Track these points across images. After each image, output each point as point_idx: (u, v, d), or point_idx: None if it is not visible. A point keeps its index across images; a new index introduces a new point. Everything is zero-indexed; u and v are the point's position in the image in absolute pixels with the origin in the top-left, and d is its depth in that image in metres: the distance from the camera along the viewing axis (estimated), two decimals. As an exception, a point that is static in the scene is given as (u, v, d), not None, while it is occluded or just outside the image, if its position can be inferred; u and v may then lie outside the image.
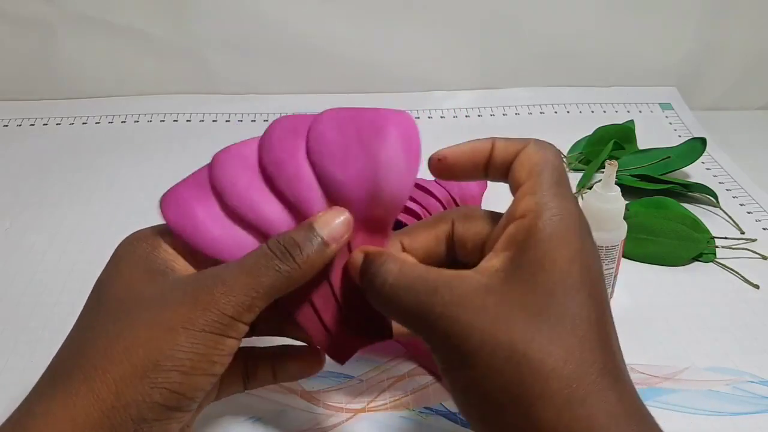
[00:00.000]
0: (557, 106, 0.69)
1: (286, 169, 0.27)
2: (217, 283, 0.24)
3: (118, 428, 0.22)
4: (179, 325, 0.23)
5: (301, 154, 0.27)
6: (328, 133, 0.27)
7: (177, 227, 0.27)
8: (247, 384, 0.31)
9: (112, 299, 0.25)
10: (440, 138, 0.69)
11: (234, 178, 0.27)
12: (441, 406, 0.36)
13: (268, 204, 0.27)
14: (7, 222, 0.50)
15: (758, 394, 0.36)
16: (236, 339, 0.24)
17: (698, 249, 0.46)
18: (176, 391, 0.23)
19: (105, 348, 0.23)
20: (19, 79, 0.68)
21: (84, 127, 0.65)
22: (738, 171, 0.58)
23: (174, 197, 0.28)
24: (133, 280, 0.25)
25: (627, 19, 0.66)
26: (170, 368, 0.23)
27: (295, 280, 0.25)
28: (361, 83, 0.69)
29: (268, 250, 0.25)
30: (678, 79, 0.71)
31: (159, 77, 0.68)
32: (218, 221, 0.27)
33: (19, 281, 0.44)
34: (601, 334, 0.22)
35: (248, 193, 0.27)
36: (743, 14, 0.66)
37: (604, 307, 0.23)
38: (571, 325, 0.22)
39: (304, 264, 0.25)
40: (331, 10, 0.64)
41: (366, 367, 0.38)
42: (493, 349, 0.21)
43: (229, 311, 0.24)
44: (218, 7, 0.64)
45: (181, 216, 0.27)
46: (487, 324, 0.22)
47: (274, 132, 0.28)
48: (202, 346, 0.23)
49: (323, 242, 0.26)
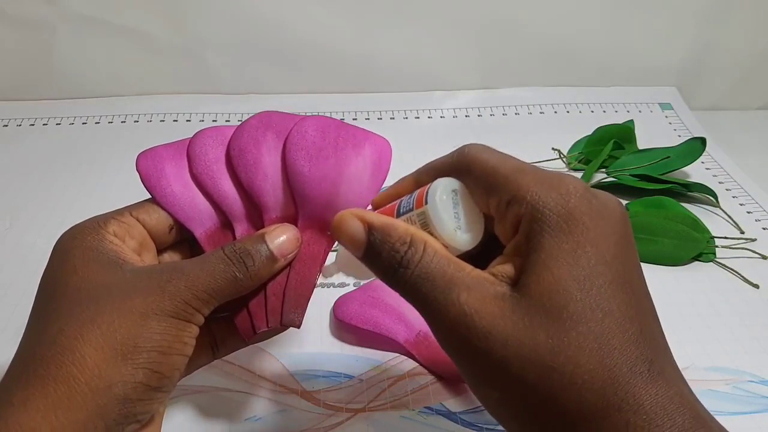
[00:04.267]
0: (557, 106, 0.69)
1: (247, 156, 0.29)
2: (182, 277, 0.25)
3: (104, 408, 0.23)
4: (151, 312, 0.24)
5: (266, 146, 0.30)
6: (311, 131, 0.30)
7: (143, 175, 0.29)
8: (217, 353, 0.31)
9: (71, 290, 0.25)
10: (440, 138, 0.70)
11: (206, 149, 0.30)
12: (441, 406, 0.36)
13: (227, 181, 0.30)
14: (7, 222, 0.50)
15: (758, 394, 0.37)
16: (197, 326, 0.26)
17: (698, 249, 0.46)
18: (157, 370, 0.24)
19: (78, 334, 0.23)
20: (19, 79, 0.68)
21: (84, 127, 0.65)
22: (738, 171, 0.58)
23: (151, 152, 0.30)
24: (87, 271, 0.25)
25: (627, 19, 0.66)
26: (150, 349, 0.24)
27: (245, 287, 0.27)
28: (361, 83, 0.69)
29: (224, 256, 0.26)
30: (678, 79, 0.71)
31: (159, 77, 0.68)
32: (181, 180, 0.30)
33: (20, 281, 0.44)
34: (629, 328, 0.20)
35: (213, 166, 0.30)
36: (743, 14, 0.66)
37: (633, 296, 0.21)
38: (596, 327, 0.20)
39: (254, 276, 0.27)
40: (331, 10, 0.64)
41: (366, 367, 0.38)
42: (522, 365, 0.20)
43: (193, 303, 0.25)
44: (218, 7, 0.64)
45: (151, 167, 0.30)
46: (508, 335, 0.20)
47: (249, 122, 0.30)
48: (174, 329, 0.25)
49: (272, 257, 0.27)
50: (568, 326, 0.20)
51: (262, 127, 0.30)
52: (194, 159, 0.30)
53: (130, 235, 0.28)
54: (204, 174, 0.30)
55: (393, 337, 0.38)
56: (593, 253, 0.21)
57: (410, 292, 0.23)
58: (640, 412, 0.19)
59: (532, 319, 0.20)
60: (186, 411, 0.35)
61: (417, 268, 0.22)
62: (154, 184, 0.29)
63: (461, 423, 0.35)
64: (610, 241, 0.21)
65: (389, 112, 0.67)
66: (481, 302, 0.21)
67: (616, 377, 0.20)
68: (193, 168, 0.30)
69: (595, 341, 0.20)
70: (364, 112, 0.67)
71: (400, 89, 0.70)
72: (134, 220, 0.28)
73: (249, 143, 0.30)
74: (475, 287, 0.22)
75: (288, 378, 0.37)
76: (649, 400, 0.19)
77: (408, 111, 0.67)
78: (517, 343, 0.20)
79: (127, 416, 0.24)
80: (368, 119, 0.66)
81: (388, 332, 0.39)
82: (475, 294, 0.21)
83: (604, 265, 0.21)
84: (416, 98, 0.69)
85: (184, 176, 0.30)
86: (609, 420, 0.19)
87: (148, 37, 0.65)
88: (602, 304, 0.20)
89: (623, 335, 0.20)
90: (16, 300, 0.43)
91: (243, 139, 0.30)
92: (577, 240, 0.21)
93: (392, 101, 0.68)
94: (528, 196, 0.22)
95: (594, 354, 0.20)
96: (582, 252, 0.21)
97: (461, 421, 0.35)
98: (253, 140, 0.30)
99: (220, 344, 0.31)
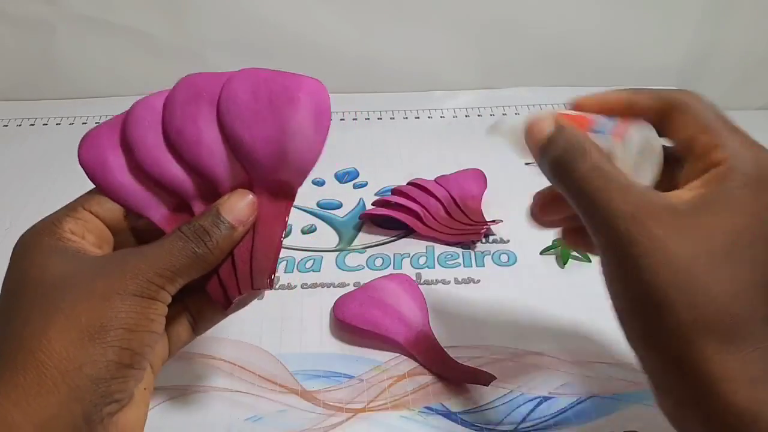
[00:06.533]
0: (557, 106, 0.69)
1: (187, 136, 0.28)
2: (142, 258, 0.26)
3: (78, 390, 0.23)
4: (113, 293, 0.24)
5: (202, 119, 0.28)
6: (241, 95, 0.28)
7: (88, 169, 0.28)
8: (197, 329, 0.31)
9: (33, 283, 0.25)
10: (440, 138, 0.70)
11: (143, 133, 0.28)
12: (441, 406, 0.36)
13: (173, 164, 0.29)
14: (7, 222, 0.51)
15: (758, 394, 0.36)
16: (163, 303, 0.26)
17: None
18: (127, 347, 0.24)
19: (43, 323, 0.23)
20: (19, 79, 0.68)
21: (84, 127, 0.64)
22: (738, 171, 0.58)
23: (90, 141, 0.29)
24: (47, 265, 0.25)
25: (627, 18, 0.66)
26: (117, 327, 0.24)
27: (210, 263, 0.27)
28: (360, 83, 0.69)
29: (182, 234, 0.27)
30: (678, 79, 0.70)
31: (159, 77, 0.68)
32: (125, 169, 0.28)
33: (19, 281, 0.44)
34: None
35: (155, 152, 0.28)
36: (743, 14, 0.66)
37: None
38: (750, 268, 0.21)
39: (215, 249, 0.27)
40: (331, 9, 0.64)
41: (366, 367, 0.38)
42: (675, 271, 0.21)
43: (156, 280, 0.25)
44: (218, 7, 0.64)
45: (93, 159, 0.28)
46: (671, 243, 0.22)
47: (177, 95, 0.29)
48: (138, 307, 0.25)
49: (230, 226, 0.27)
50: (726, 259, 0.21)
51: (192, 99, 0.29)
52: (134, 148, 0.28)
53: (88, 230, 0.28)
54: (148, 162, 0.28)
55: (393, 338, 0.38)
56: (763, 206, 0.22)
57: (581, 184, 0.24)
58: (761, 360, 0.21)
59: (695, 240, 0.22)
60: (186, 411, 0.35)
61: (595, 164, 0.24)
62: (100, 178, 0.28)
63: (461, 423, 0.35)
64: None
65: (389, 112, 0.67)
66: (654, 206, 0.23)
67: (752, 314, 0.21)
68: (136, 157, 0.28)
69: (746, 277, 0.21)
70: (364, 112, 0.67)
71: (400, 89, 0.70)
72: (89, 214, 0.28)
73: (185, 121, 0.28)
74: (651, 196, 0.23)
75: (288, 378, 0.38)
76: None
77: (408, 111, 0.67)
78: (676, 253, 0.22)
79: (104, 396, 0.23)
80: (368, 119, 0.66)
81: (387, 332, 0.39)
82: (650, 200, 0.23)
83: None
84: (416, 98, 0.69)
85: (126, 164, 0.29)
86: (733, 348, 0.21)
87: (148, 37, 0.65)
88: (762, 255, 0.22)
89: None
90: (16, 300, 0.43)
91: (177, 119, 0.28)
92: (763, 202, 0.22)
93: (392, 101, 0.68)
94: (729, 150, 0.24)
95: (743, 287, 0.21)
96: (753, 202, 0.22)
97: (461, 421, 0.35)
98: (189, 117, 0.28)
99: (198, 319, 0.30)
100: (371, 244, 0.48)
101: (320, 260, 0.47)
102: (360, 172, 0.57)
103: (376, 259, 0.47)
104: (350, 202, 0.53)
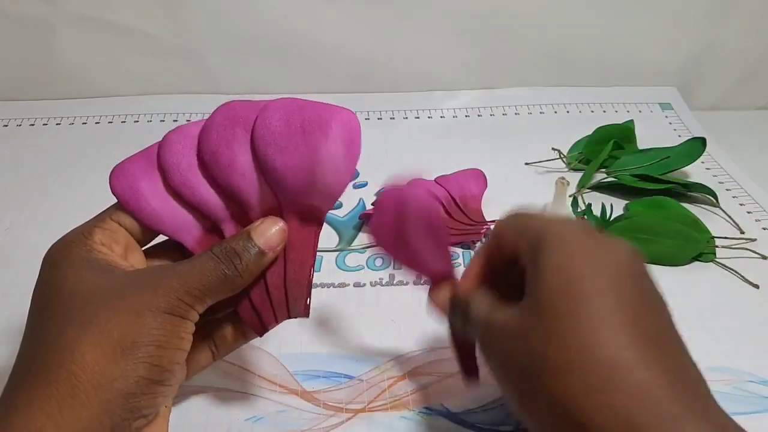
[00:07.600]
0: (557, 106, 0.69)
1: (221, 158, 0.29)
2: (173, 276, 0.26)
3: (108, 404, 0.23)
4: (145, 309, 0.25)
5: (237, 144, 0.29)
6: (275, 122, 0.29)
7: (121, 198, 0.29)
8: (216, 354, 0.31)
9: (66, 295, 0.25)
10: (440, 138, 0.70)
11: (178, 158, 0.29)
12: (441, 406, 0.36)
13: (205, 187, 0.29)
14: (7, 222, 0.51)
15: (758, 394, 0.36)
16: (192, 322, 0.26)
17: (698, 249, 0.46)
18: (158, 364, 0.24)
19: (76, 335, 0.24)
20: (18, 79, 0.68)
21: (84, 127, 0.65)
22: (738, 171, 0.58)
23: (122, 170, 0.30)
24: (80, 278, 0.26)
25: (627, 19, 0.66)
26: (147, 344, 0.24)
27: (237, 285, 0.28)
28: (361, 83, 0.69)
29: (213, 255, 0.27)
30: (678, 79, 0.71)
31: (159, 77, 0.68)
32: (160, 196, 0.29)
33: (20, 281, 0.44)
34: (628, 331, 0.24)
35: (188, 175, 0.29)
36: (743, 14, 0.66)
37: (640, 302, 0.25)
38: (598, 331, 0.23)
39: (244, 272, 0.27)
40: (331, 10, 0.64)
41: (366, 367, 0.38)
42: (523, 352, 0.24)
43: (186, 299, 0.25)
44: (218, 7, 0.64)
45: (127, 188, 0.29)
46: (521, 363, 0.24)
47: (215, 119, 0.30)
48: (169, 324, 0.25)
49: (260, 252, 0.28)
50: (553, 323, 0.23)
51: (229, 124, 0.30)
52: (168, 171, 0.29)
53: (116, 240, 0.28)
54: (181, 185, 0.29)
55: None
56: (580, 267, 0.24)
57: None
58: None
59: (530, 320, 0.24)
60: (186, 411, 0.35)
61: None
62: (134, 206, 0.29)
63: (461, 423, 0.35)
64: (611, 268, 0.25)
65: (389, 112, 0.67)
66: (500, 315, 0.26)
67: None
68: (170, 180, 0.29)
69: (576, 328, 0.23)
70: (364, 112, 0.67)
71: (400, 89, 0.70)
72: (116, 225, 0.29)
73: (220, 145, 0.29)
74: (493, 326, 0.26)
75: (288, 378, 0.38)
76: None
77: (408, 111, 0.67)
78: (528, 365, 0.24)
79: (133, 411, 0.24)
80: (368, 119, 0.66)
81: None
82: (500, 313, 0.26)
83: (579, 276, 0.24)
84: (416, 98, 0.69)
85: (160, 189, 0.29)
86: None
87: (148, 37, 0.65)
88: (600, 311, 0.24)
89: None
90: (17, 299, 0.43)
91: (213, 142, 0.29)
92: (567, 253, 0.25)
93: (392, 101, 0.68)
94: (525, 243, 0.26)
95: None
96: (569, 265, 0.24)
97: (461, 421, 0.35)
98: (224, 141, 0.29)
99: (219, 345, 0.31)
100: (371, 244, 0.48)
101: (320, 260, 0.47)
102: (360, 172, 0.57)
103: (376, 259, 0.47)
104: (350, 202, 0.53)
